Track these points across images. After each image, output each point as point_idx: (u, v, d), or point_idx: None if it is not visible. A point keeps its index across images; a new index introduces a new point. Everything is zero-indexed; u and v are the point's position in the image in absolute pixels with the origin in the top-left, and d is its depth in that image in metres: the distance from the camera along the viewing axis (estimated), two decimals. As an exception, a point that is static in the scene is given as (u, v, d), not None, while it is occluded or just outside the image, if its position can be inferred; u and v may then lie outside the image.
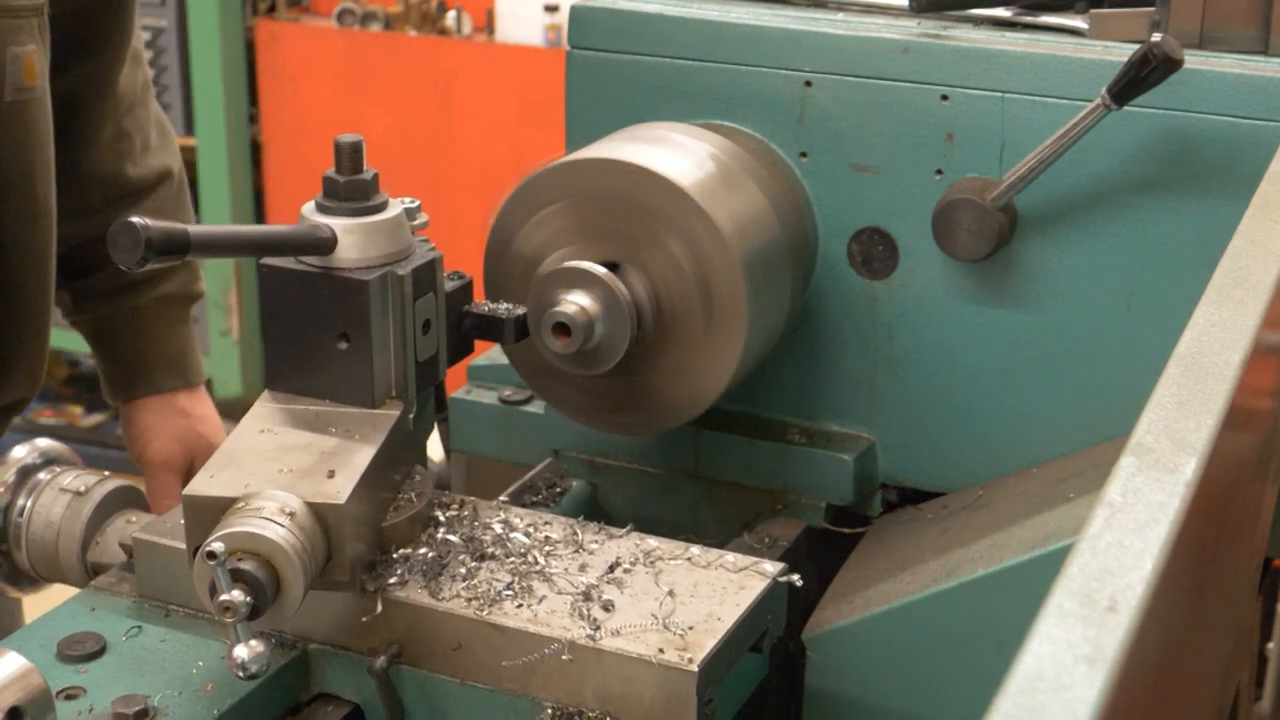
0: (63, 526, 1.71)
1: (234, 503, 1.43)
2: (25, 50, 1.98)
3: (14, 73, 1.96)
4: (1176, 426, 0.96)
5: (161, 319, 2.42)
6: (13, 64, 1.96)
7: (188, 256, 1.37)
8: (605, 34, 2.00)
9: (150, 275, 2.38)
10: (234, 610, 1.35)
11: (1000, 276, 1.87)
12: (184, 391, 2.45)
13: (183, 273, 2.43)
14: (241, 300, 6.27)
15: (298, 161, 6.13)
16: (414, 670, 1.53)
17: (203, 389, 2.50)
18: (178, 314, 2.44)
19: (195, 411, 2.46)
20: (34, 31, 2.01)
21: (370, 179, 1.55)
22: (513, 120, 5.68)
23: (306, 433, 1.53)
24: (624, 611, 1.49)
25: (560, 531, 1.62)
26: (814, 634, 1.84)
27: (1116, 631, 0.74)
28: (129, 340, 2.42)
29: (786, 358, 1.99)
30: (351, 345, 1.53)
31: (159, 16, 6.09)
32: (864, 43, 1.88)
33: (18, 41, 1.97)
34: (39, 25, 2.03)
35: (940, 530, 1.89)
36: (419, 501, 1.58)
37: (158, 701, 1.45)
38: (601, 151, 1.79)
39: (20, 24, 1.98)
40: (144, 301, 2.39)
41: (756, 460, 1.99)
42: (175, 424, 2.41)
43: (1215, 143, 1.75)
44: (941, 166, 1.86)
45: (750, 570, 1.57)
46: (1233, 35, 1.81)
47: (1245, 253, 1.27)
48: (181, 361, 2.46)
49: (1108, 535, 0.83)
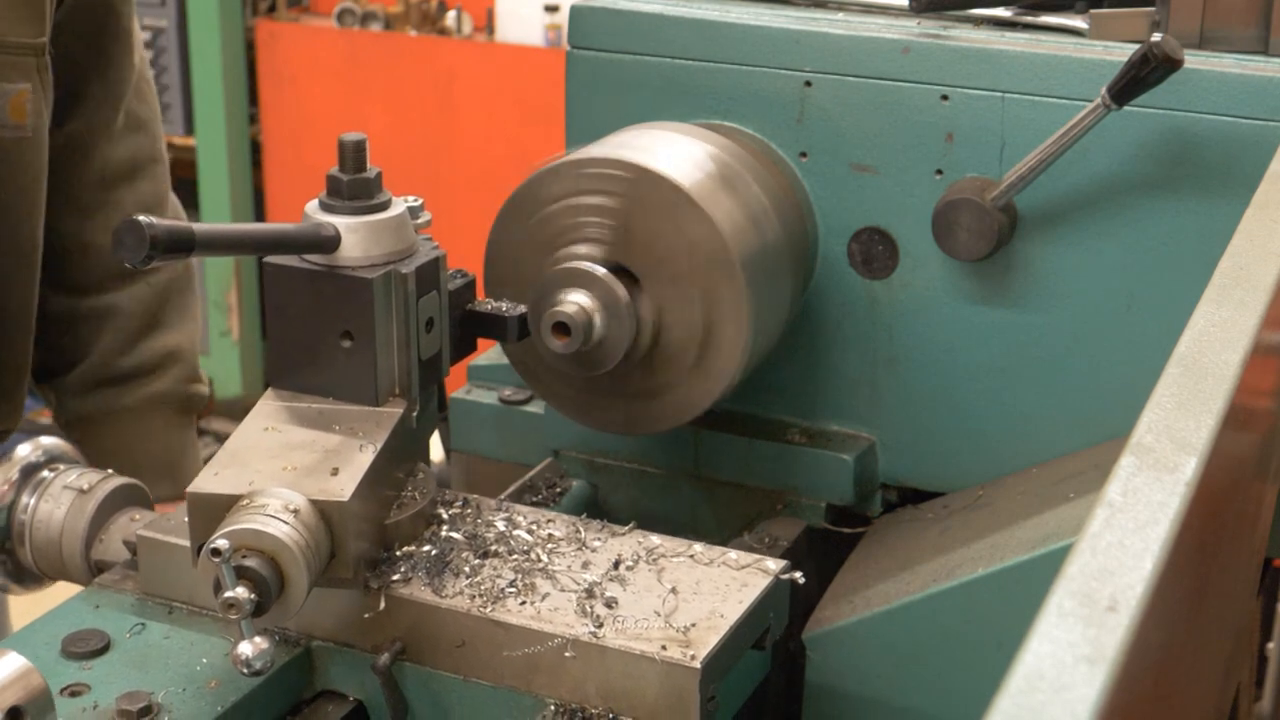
0: (66, 524, 1.72)
1: (238, 500, 1.44)
2: (16, 88, 1.96)
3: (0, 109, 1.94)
4: (1176, 426, 0.96)
5: (154, 422, 2.24)
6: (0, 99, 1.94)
7: (193, 255, 1.38)
8: (605, 34, 2.00)
9: (136, 370, 2.22)
10: (238, 607, 1.36)
11: (1000, 276, 1.88)
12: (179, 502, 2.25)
13: (175, 369, 2.25)
14: (241, 300, 6.28)
15: (298, 161, 6.13)
16: (417, 667, 1.53)
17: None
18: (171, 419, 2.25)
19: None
20: (30, 71, 1.98)
21: (374, 177, 1.55)
22: (513, 120, 5.68)
23: (310, 430, 1.54)
24: (627, 608, 1.49)
25: (563, 529, 1.62)
26: (814, 633, 1.84)
27: (1116, 631, 0.74)
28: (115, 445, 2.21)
29: (786, 358, 1.99)
30: (355, 343, 1.54)
31: (159, 16, 6.09)
32: (864, 43, 1.88)
33: (8, 79, 1.95)
34: (37, 65, 2.00)
35: (940, 530, 1.90)
36: (422, 499, 1.58)
37: (161, 698, 1.45)
38: (601, 151, 1.79)
39: (12, 61, 1.96)
40: (132, 401, 2.23)
41: (756, 460, 1.99)
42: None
43: (1215, 143, 1.75)
44: (941, 166, 1.87)
45: (753, 568, 1.57)
46: (1233, 35, 1.81)
47: (1245, 252, 1.27)
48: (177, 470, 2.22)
49: (1108, 535, 0.83)
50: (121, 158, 2.24)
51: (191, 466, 2.26)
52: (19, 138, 1.98)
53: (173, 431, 2.26)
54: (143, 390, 2.23)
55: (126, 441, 2.22)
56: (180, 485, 2.09)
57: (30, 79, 1.98)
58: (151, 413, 2.23)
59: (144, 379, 2.23)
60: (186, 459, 2.27)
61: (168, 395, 2.25)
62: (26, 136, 2.00)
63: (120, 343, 2.24)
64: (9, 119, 1.95)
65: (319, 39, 6.04)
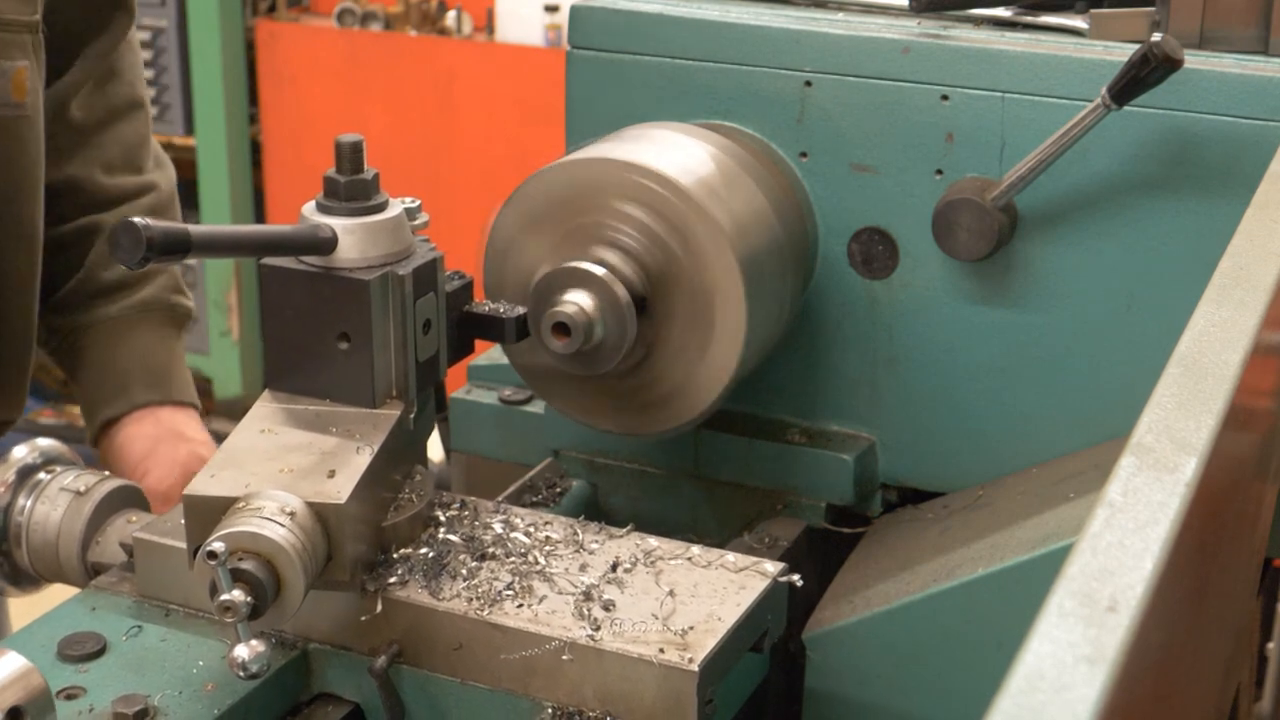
0: (63, 526, 1.71)
1: (234, 502, 1.43)
2: (15, 66, 1.96)
3: (2, 88, 1.93)
4: (1176, 426, 0.96)
5: (139, 328, 2.21)
6: (1, 79, 1.93)
7: (189, 257, 1.37)
8: (605, 34, 2.00)
9: (121, 282, 2.20)
10: (234, 610, 1.35)
11: (1000, 276, 1.87)
12: (172, 408, 2.18)
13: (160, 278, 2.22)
14: (241, 300, 6.28)
15: (298, 161, 6.13)
16: (414, 670, 1.52)
17: (196, 414, 2.22)
18: (159, 325, 2.22)
19: (194, 434, 2.17)
20: (27, 48, 1.98)
21: (371, 179, 1.54)
22: (513, 120, 5.68)
23: (307, 432, 1.53)
24: (624, 611, 1.49)
25: (561, 531, 1.62)
26: (814, 634, 1.84)
27: (1116, 631, 0.74)
28: (101, 352, 2.19)
29: (786, 358, 1.99)
30: (352, 345, 1.53)
31: (159, 16, 6.10)
32: (864, 43, 1.88)
33: (8, 56, 1.95)
34: (33, 43, 1.99)
35: (940, 530, 1.89)
36: (419, 501, 1.58)
37: (158, 701, 1.45)
38: (601, 151, 1.79)
39: (11, 39, 1.96)
40: (116, 310, 2.20)
41: (756, 460, 1.99)
42: (174, 449, 2.13)
43: (1215, 143, 1.75)
44: (941, 166, 1.86)
45: (751, 570, 1.57)
46: (1233, 35, 1.81)
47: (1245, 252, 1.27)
48: (165, 375, 2.20)
49: (1108, 535, 0.83)
50: (98, 105, 2.22)
51: (179, 375, 2.22)
52: (19, 116, 1.98)
53: (158, 339, 2.21)
54: (127, 299, 2.20)
55: (112, 349, 2.18)
56: (166, 391, 2.14)
57: (28, 56, 1.98)
58: (137, 320, 2.20)
59: (129, 289, 2.20)
60: (173, 367, 2.22)
61: (151, 302, 2.21)
62: (26, 115, 1.99)
63: (105, 258, 2.21)
64: (10, 97, 1.95)
65: (319, 39, 6.04)
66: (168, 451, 2.13)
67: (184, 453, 2.13)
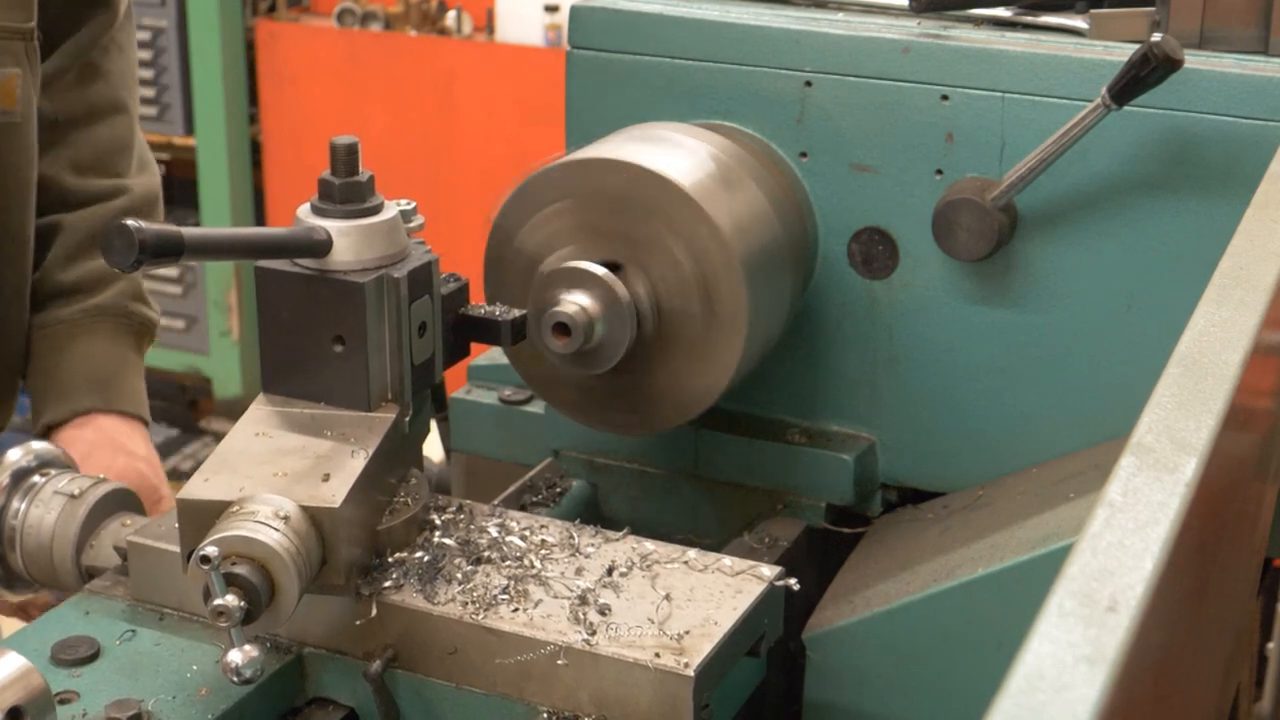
0: (57, 530, 1.71)
1: (228, 506, 1.43)
2: (7, 73, 1.95)
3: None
4: (1176, 426, 0.96)
5: (90, 333, 2.14)
6: None
7: (183, 259, 1.36)
8: (605, 34, 1.99)
9: (77, 285, 2.15)
10: (228, 615, 1.35)
11: (1000, 276, 1.87)
12: (116, 417, 2.12)
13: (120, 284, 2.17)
14: (241, 300, 6.27)
15: (298, 161, 6.13)
16: (409, 674, 1.52)
17: (143, 427, 2.16)
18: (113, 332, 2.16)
19: (134, 448, 2.11)
20: (19, 55, 1.97)
21: (366, 181, 1.54)
22: (513, 120, 5.68)
23: (302, 436, 1.53)
24: (620, 615, 1.48)
25: (556, 535, 1.61)
26: (814, 634, 1.84)
27: (1116, 631, 0.74)
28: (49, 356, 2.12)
29: (786, 358, 1.98)
30: (347, 348, 1.53)
31: (159, 16, 6.09)
32: (864, 43, 1.87)
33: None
34: (26, 50, 1.99)
35: (940, 530, 1.89)
36: (414, 505, 1.57)
37: (151, 706, 1.45)
38: (602, 151, 1.78)
39: (2, 45, 1.95)
40: (68, 313, 2.14)
41: (756, 460, 1.99)
42: (111, 459, 2.06)
43: (1215, 143, 1.74)
44: (941, 166, 1.86)
45: (747, 574, 1.56)
46: (1233, 35, 1.81)
47: (1245, 252, 1.27)
48: (111, 383, 2.13)
49: (1108, 535, 0.83)
50: (76, 103, 2.19)
51: (128, 385, 2.16)
52: (9, 123, 1.97)
53: (110, 346, 2.15)
54: (81, 303, 2.15)
55: (59, 352, 2.13)
56: (110, 400, 2.08)
57: (20, 64, 1.97)
58: (90, 325, 2.14)
59: (84, 293, 2.15)
60: (123, 376, 2.15)
61: (107, 308, 2.16)
62: (16, 122, 1.98)
63: (63, 259, 2.17)
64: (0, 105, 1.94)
65: (319, 39, 6.04)
66: (103, 460, 2.07)
67: (120, 464, 2.07)
